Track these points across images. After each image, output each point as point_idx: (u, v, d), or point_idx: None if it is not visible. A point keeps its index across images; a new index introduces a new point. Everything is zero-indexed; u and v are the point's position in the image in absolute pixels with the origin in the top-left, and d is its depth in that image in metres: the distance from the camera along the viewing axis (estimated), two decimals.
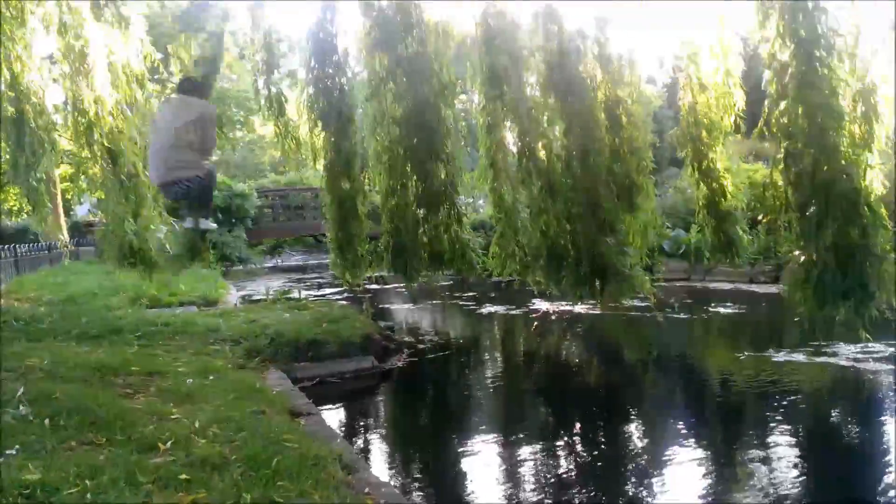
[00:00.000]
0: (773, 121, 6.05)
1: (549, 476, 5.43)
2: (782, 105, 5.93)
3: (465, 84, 9.71)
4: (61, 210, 23.52)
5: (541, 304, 13.01)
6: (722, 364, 9.38)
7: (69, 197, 30.70)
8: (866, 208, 5.71)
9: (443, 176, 9.07)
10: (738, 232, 8.42)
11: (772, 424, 6.51)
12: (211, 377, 6.29)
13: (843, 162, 5.69)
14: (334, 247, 9.78)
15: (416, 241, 9.35)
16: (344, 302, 13.00)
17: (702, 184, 8.37)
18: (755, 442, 6.04)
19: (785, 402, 7.14)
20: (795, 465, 5.51)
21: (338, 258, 9.72)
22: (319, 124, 9.24)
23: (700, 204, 8.51)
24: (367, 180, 10.23)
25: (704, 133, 8.09)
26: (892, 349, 8.29)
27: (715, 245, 8.61)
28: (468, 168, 9.85)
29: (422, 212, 9.23)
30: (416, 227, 9.38)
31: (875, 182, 5.89)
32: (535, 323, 12.01)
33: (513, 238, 8.91)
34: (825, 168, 5.71)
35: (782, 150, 6.02)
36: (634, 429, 6.86)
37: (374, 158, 9.39)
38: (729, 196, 8.30)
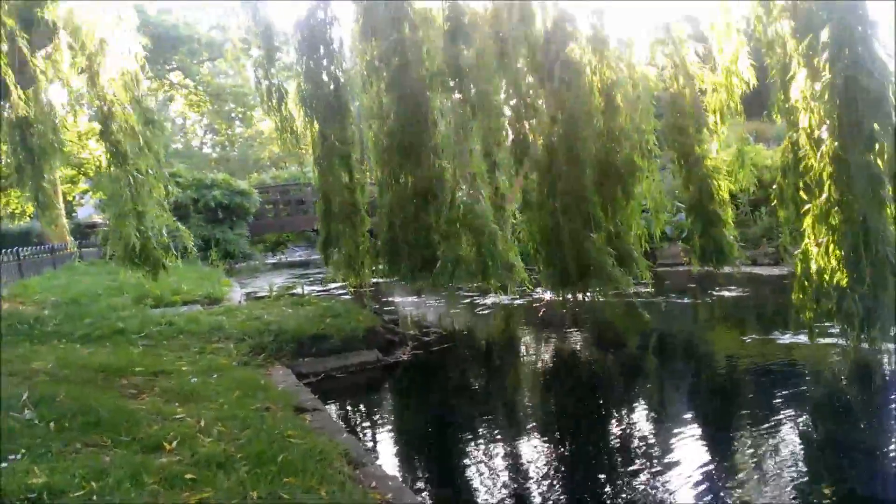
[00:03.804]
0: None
1: (560, 466, 5.41)
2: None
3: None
4: (64, 212, 23.52)
5: (544, 293, 12.98)
6: (728, 347, 9.35)
7: (70, 198, 30.70)
8: None
9: (433, 169, 8.88)
10: (727, 236, 8.16)
11: (782, 404, 6.50)
12: (215, 375, 6.31)
13: None
14: (320, 245, 9.68)
15: (409, 239, 9.14)
16: (347, 297, 12.99)
17: (689, 183, 8.14)
18: (769, 422, 6.01)
19: (795, 383, 7.13)
20: (802, 448, 5.50)
21: (328, 257, 9.62)
22: (312, 117, 9.16)
23: (687, 205, 8.27)
24: (367, 174, 10.13)
25: (691, 126, 7.86)
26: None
27: (703, 249, 8.38)
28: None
29: (414, 208, 9.03)
30: (410, 225, 9.15)
31: None
32: (540, 312, 11.97)
33: (472, 241, 8.67)
34: None
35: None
36: (642, 417, 6.83)
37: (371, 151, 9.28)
38: (716, 197, 8.07)
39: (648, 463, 5.29)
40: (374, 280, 11.18)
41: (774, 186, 6.26)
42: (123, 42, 7.30)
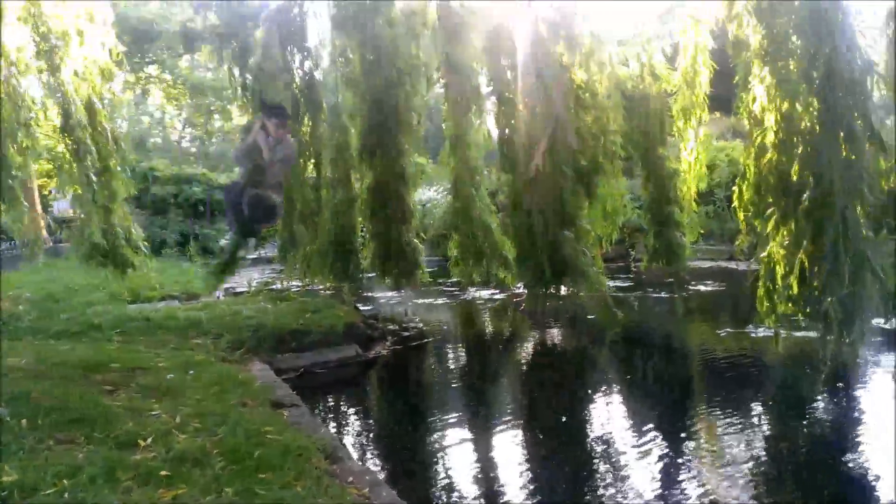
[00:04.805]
0: None
1: (536, 461, 5.47)
2: None
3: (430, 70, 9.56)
4: (39, 207, 23.20)
5: (524, 288, 13.03)
6: (702, 341, 9.48)
7: (47, 193, 30.29)
8: None
9: (394, 168, 8.87)
10: (679, 237, 8.19)
11: (749, 394, 6.61)
12: (192, 371, 6.27)
13: None
14: (280, 248, 9.67)
15: (354, 240, 9.07)
16: (327, 292, 12.95)
17: (648, 183, 8.16)
18: (734, 413, 6.11)
19: (765, 375, 7.25)
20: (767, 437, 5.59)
21: (282, 260, 9.61)
22: None
23: (645, 205, 8.29)
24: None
25: (655, 127, 7.89)
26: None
27: (656, 249, 8.40)
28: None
29: (367, 208, 8.99)
30: (360, 226, 9.10)
31: None
32: (521, 307, 12.02)
33: (471, 234, 8.68)
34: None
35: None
36: (612, 409, 6.91)
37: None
38: (674, 199, 8.10)
39: (614, 455, 5.37)
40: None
41: (734, 188, 6.26)
42: (95, 36, 7.20)
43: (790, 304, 5.68)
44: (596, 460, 5.36)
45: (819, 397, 6.69)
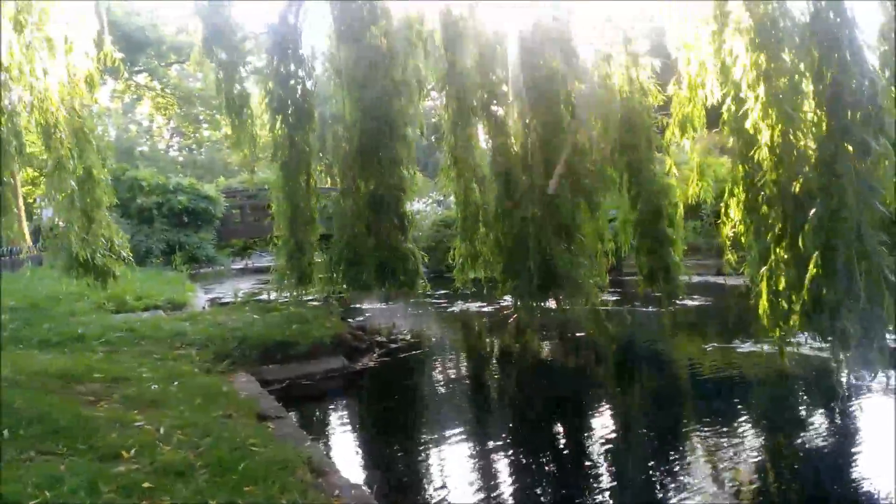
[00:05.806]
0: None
1: (520, 473, 5.44)
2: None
3: (429, 80, 9.59)
4: (24, 214, 22.98)
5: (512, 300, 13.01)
6: (690, 356, 9.50)
7: (31, 200, 30.06)
8: None
9: (390, 178, 8.88)
10: (674, 256, 8.12)
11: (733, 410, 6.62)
12: (176, 382, 6.21)
13: None
14: (283, 255, 9.64)
15: (365, 250, 9.10)
16: (315, 303, 12.89)
17: (638, 202, 8.08)
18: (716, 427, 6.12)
19: (749, 391, 7.27)
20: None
21: (287, 269, 9.57)
22: (279, 120, 9.14)
23: (635, 223, 8.21)
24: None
25: (643, 143, 7.84)
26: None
27: (650, 270, 8.31)
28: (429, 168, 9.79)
29: (363, 217, 8.99)
30: (366, 235, 9.14)
31: None
32: (509, 320, 12.01)
33: (474, 241, 8.68)
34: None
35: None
36: (589, 423, 6.90)
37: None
38: (665, 215, 8.04)
39: (595, 465, 5.36)
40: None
41: (721, 204, 6.20)
42: (83, 43, 7.15)
43: (804, 320, 5.50)
44: (582, 477, 5.34)
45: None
